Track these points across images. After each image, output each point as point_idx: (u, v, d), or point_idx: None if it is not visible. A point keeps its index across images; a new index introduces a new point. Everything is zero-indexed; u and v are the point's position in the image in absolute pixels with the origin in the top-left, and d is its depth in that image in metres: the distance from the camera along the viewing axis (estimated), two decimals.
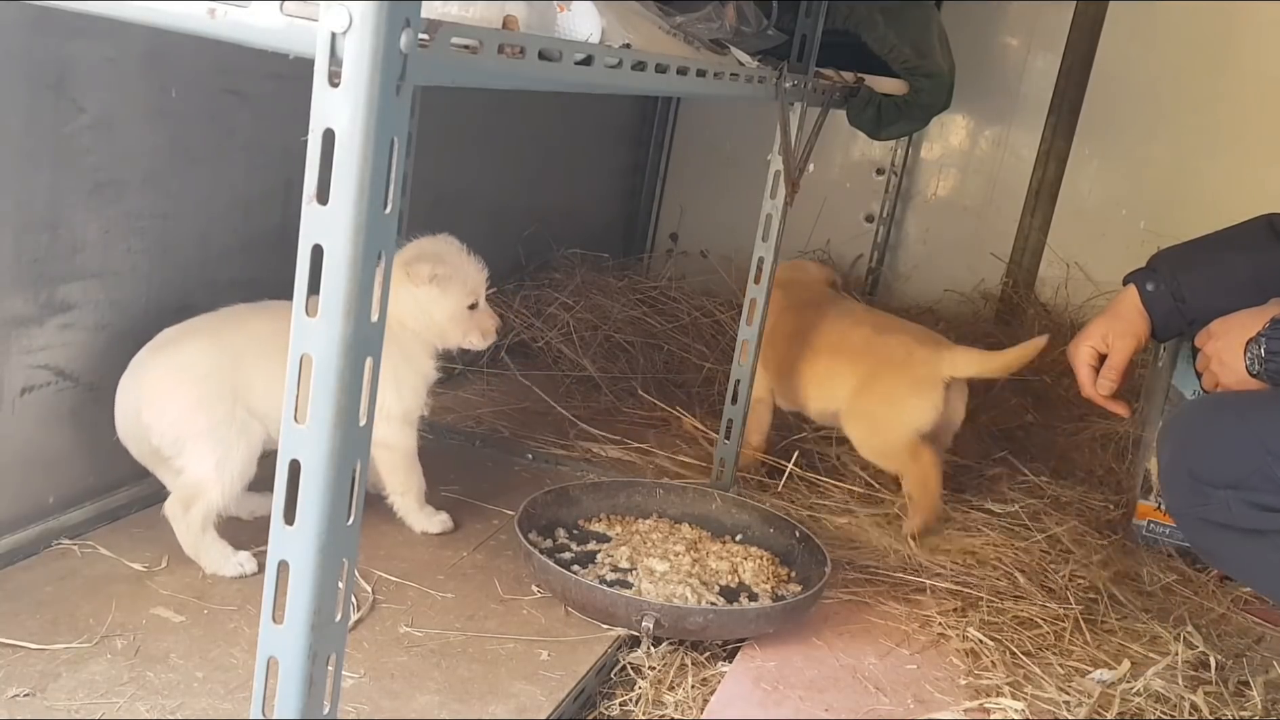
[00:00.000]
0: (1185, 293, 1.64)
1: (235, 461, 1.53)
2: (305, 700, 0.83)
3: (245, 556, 1.54)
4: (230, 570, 1.53)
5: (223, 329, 1.58)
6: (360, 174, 0.74)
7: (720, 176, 3.42)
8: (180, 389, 1.52)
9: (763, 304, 2.00)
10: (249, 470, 1.55)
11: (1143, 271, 1.70)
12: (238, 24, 0.79)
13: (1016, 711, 1.50)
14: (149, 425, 1.52)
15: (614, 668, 1.51)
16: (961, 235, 3.29)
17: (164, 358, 1.54)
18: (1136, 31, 3.01)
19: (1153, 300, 1.67)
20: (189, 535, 1.52)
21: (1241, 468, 1.34)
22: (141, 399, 1.52)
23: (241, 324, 1.59)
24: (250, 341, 1.57)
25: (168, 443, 1.52)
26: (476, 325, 1.74)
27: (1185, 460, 1.42)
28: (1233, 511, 1.34)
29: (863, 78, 2.16)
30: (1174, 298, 1.65)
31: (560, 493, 1.85)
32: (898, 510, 2.08)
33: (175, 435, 1.52)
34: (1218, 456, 1.38)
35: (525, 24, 1.00)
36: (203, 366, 1.53)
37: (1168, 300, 1.66)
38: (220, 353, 1.55)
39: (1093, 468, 2.43)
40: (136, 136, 1.60)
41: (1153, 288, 1.67)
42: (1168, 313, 1.66)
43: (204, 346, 1.55)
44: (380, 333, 0.81)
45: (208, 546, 1.53)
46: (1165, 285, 1.66)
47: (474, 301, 1.72)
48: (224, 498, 1.52)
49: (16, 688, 1.24)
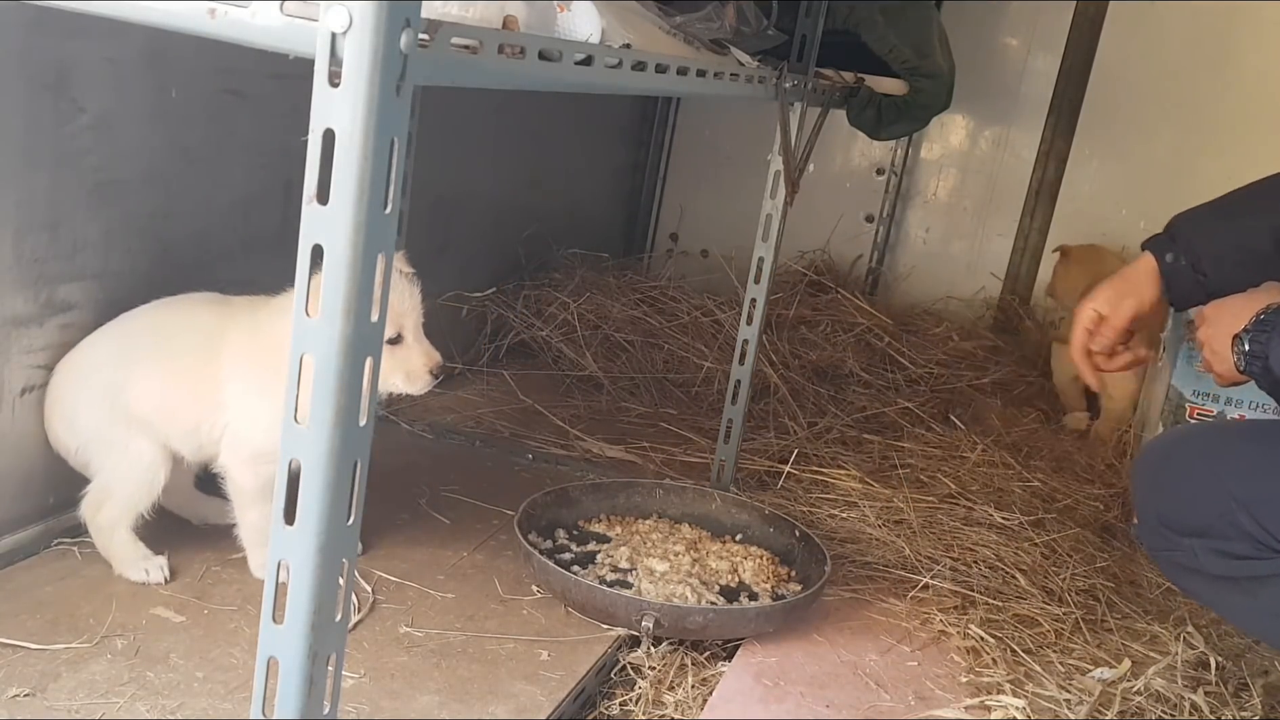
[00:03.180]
0: (1206, 266, 1.50)
1: (130, 467, 1.48)
2: (305, 700, 0.83)
3: (157, 564, 1.50)
4: (136, 575, 1.49)
5: (115, 326, 1.54)
6: (360, 174, 0.74)
7: (720, 176, 3.42)
8: (71, 392, 1.50)
9: (763, 304, 2.00)
10: (153, 477, 1.50)
11: (1162, 239, 1.56)
12: (238, 24, 0.79)
13: (1017, 709, 1.50)
14: (51, 428, 1.52)
15: (614, 668, 1.51)
16: (961, 235, 3.29)
17: (65, 361, 1.53)
18: (1136, 31, 3.01)
19: (1173, 273, 1.53)
20: (98, 537, 1.50)
21: (1208, 515, 1.30)
22: (48, 401, 1.52)
23: (133, 319, 1.54)
24: (131, 337, 1.52)
25: (66, 447, 1.51)
26: (400, 365, 1.43)
27: (1154, 506, 1.40)
28: (1200, 559, 1.32)
29: (863, 78, 2.16)
30: (1195, 270, 1.51)
31: (560, 493, 1.85)
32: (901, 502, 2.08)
33: (76, 441, 1.51)
34: (1185, 504, 1.35)
35: (525, 24, 1.00)
36: (88, 366, 1.51)
37: (1188, 274, 1.51)
38: (105, 351, 1.52)
39: (1093, 465, 2.43)
40: (136, 136, 1.60)
41: (1172, 259, 1.52)
42: (1189, 287, 1.53)
43: (96, 346, 1.52)
44: (380, 332, 0.81)
45: (117, 548, 1.50)
46: (1185, 258, 1.52)
47: (396, 334, 1.42)
48: (130, 504, 1.48)
49: (16, 688, 1.24)
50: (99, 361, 1.51)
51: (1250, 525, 1.25)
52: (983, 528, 2.03)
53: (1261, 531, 1.24)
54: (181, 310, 1.55)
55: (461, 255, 2.60)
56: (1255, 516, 1.25)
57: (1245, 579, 1.28)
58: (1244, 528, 1.25)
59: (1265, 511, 1.24)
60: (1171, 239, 1.54)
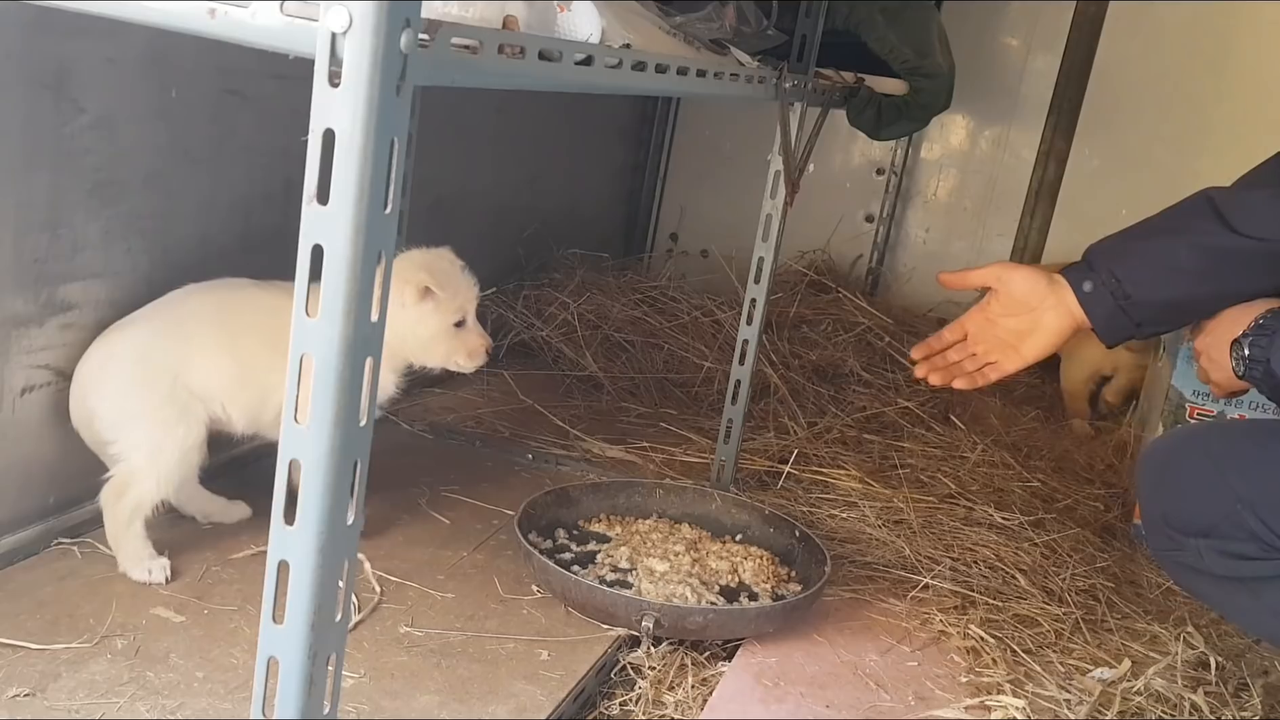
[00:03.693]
0: (1128, 288, 1.43)
1: (172, 448, 1.50)
2: (305, 700, 0.83)
3: (160, 565, 1.50)
4: (139, 574, 1.49)
5: (163, 307, 1.57)
6: (360, 174, 0.74)
7: (720, 176, 3.42)
8: (120, 369, 1.51)
9: (763, 304, 2.00)
10: (189, 460, 1.52)
11: (1079, 268, 1.49)
12: (238, 24, 0.79)
13: (1017, 709, 1.50)
14: (93, 409, 1.51)
15: (614, 668, 1.51)
16: (961, 235, 3.29)
17: (106, 341, 1.54)
18: (1136, 31, 3.01)
19: (1091, 302, 1.46)
20: (114, 525, 1.49)
21: (1213, 515, 1.29)
22: (86, 382, 1.52)
23: (183, 301, 1.58)
24: (190, 317, 1.55)
25: (107, 426, 1.50)
26: (463, 345, 1.65)
27: (1158, 506, 1.39)
28: (1205, 560, 1.31)
29: (863, 78, 2.16)
30: (1114, 296, 1.44)
31: (560, 493, 1.85)
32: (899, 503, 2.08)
33: (114, 418, 1.50)
34: (1189, 504, 1.34)
35: (525, 24, 1.00)
36: (141, 345, 1.52)
37: (1108, 301, 1.44)
38: (158, 330, 1.53)
39: (1093, 465, 2.43)
40: (136, 136, 1.60)
41: (1090, 288, 1.46)
42: (1110, 314, 1.45)
43: (144, 326, 1.54)
44: (380, 332, 0.81)
45: (128, 541, 1.49)
46: (1104, 284, 1.45)
47: (461, 319, 1.63)
48: (159, 488, 1.49)
49: (16, 688, 1.24)
50: (154, 341, 1.52)
51: (1256, 525, 1.24)
52: (983, 528, 2.04)
53: (1267, 531, 1.24)
54: (237, 291, 1.61)
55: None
56: (1261, 516, 1.24)
57: (1250, 579, 1.28)
58: (1249, 528, 1.25)
59: (1270, 511, 1.24)
60: (1089, 266, 1.47)
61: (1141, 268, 1.43)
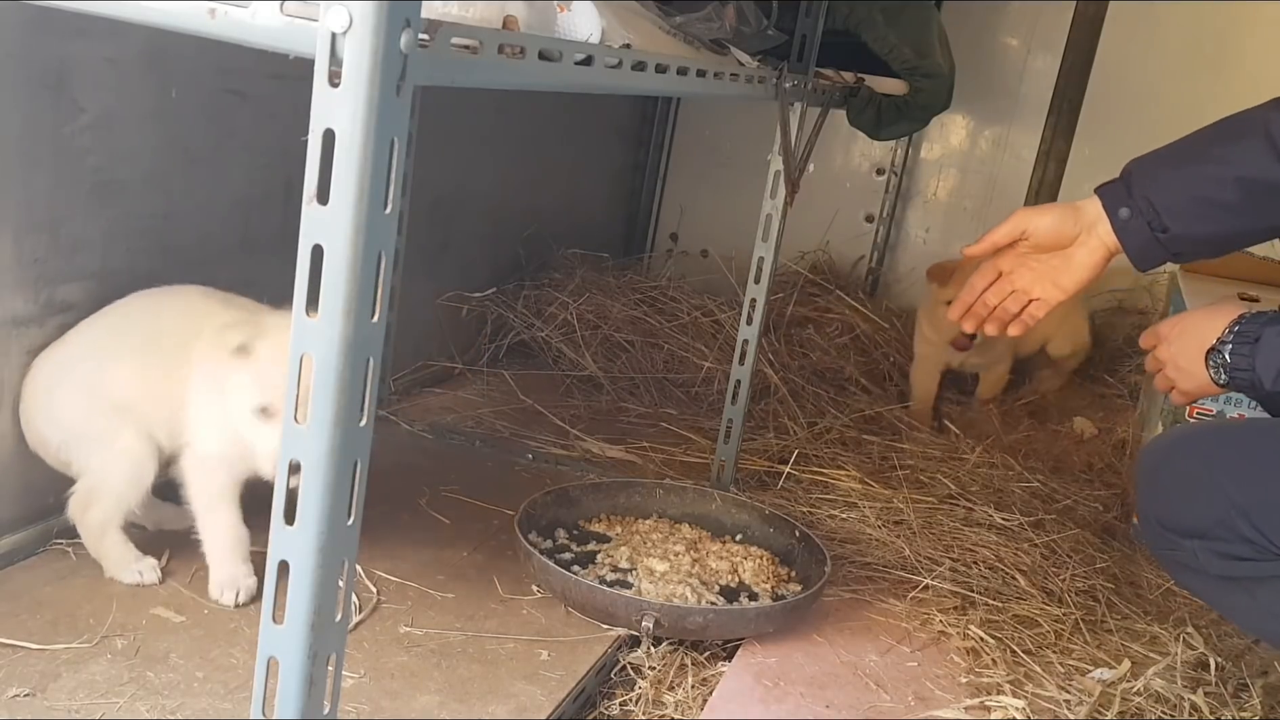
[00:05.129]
0: (1166, 220, 1.36)
1: (120, 459, 1.45)
2: (305, 700, 0.83)
3: (149, 565, 1.48)
4: (128, 578, 1.47)
5: (99, 318, 1.51)
6: (360, 174, 0.74)
7: (720, 176, 3.42)
8: (56, 387, 1.47)
9: (763, 304, 2.00)
10: (142, 467, 1.46)
11: (1115, 190, 1.42)
12: (238, 24, 0.79)
13: (1017, 709, 1.50)
14: (39, 432, 1.48)
15: (614, 668, 1.52)
16: (962, 235, 3.28)
17: (45, 357, 1.50)
18: (1136, 31, 3.01)
19: (1127, 231, 1.39)
20: (89, 538, 1.47)
21: (1206, 519, 1.29)
22: (29, 406, 1.49)
23: (114, 311, 1.51)
24: (114, 329, 1.50)
25: (54, 446, 1.48)
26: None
27: (1154, 508, 1.39)
28: (1200, 560, 1.30)
29: (863, 78, 2.16)
30: (1151, 227, 1.37)
31: (560, 493, 1.85)
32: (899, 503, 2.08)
33: (60, 439, 1.47)
34: (1184, 507, 1.33)
35: (525, 24, 1.00)
36: (71, 360, 1.48)
37: (1144, 231, 1.37)
38: (88, 344, 1.49)
39: (1092, 465, 2.43)
40: (136, 136, 1.60)
41: (1127, 215, 1.39)
42: (1145, 244, 1.38)
43: (78, 339, 1.49)
44: (380, 332, 0.81)
45: (108, 550, 1.47)
46: (1141, 213, 1.38)
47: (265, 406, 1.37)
48: (120, 501, 1.45)
49: (16, 688, 1.24)
50: (77, 353, 1.48)
51: (1249, 530, 1.24)
52: (982, 528, 2.03)
53: (1260, 536, 1.23)
54: (158, 299, 1.53)
55: (461, 255, 2.60)
56: (1254, 522, 1.24)
57: (1246, 579, 1.28)
58: (1242, 533, 1.25)
59: (1263, 517, 1.24)
60: (1128, 190, 1.40)
61: (1182, 200, 1.36)
